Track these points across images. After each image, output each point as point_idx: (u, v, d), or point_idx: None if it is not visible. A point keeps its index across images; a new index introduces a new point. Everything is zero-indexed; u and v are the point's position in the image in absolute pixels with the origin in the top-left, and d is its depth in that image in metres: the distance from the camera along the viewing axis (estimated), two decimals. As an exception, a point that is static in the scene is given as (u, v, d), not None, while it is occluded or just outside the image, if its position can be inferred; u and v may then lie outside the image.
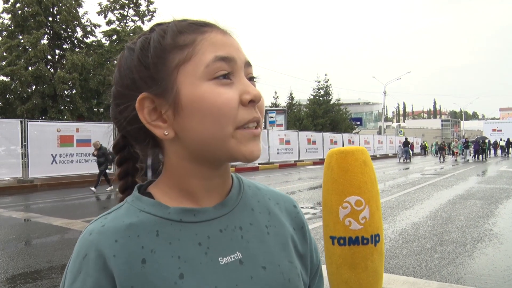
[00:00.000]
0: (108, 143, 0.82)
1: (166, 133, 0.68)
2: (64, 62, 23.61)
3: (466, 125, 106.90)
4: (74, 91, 23.73)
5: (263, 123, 0.74)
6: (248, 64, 0.71)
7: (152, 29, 0.71)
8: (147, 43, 0.69)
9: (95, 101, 25.53)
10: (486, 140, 39.20)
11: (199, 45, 0.67)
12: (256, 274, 0.70)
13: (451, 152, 40.37)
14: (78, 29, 25.18)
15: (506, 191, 12.89)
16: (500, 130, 65.56)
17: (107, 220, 0.68)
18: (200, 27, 0.69)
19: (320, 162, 31.53)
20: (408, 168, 24.88)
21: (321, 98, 46.88)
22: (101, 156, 13.66)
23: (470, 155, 36.45)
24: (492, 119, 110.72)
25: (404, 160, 34.25)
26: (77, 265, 0.65)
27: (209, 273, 0.66)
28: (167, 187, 0.72)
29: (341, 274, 0.66)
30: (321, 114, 45.15)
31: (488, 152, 37.68)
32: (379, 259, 0.66)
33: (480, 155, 36.41)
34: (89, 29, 25.54)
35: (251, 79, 0.71)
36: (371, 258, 0.65)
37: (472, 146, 36.44)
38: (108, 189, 13.61)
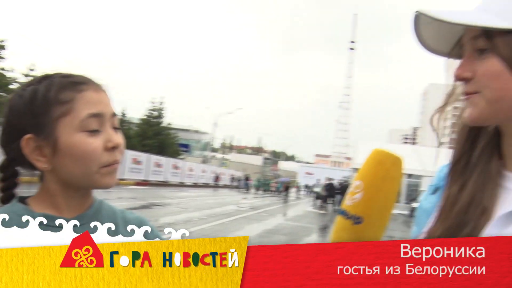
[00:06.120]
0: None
1: (45, 166, 0.90)
2: None
3: (284, 165, 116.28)
4: None
5: None
6: (113, 115, 0.95)
7: (40, 81, 0.92)
8: (35, 95, 0.89)
9: None
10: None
11: (77, 104, 0.89)
12: None
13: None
14: None
15: (308, 229, 14.28)
16: (312, 174, 72.21)
17: None
18: (79, 85, 0.91)
19: (143, 183, 30.71)
20: (246, 198, 25.61)
21: (153, 120, 46.41)
22: None
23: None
24: (306, 162, 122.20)
25: (245, 191, 41.12)
26: None
27: None
28: (41, 199, 0.94)
29: (332, 231, 0.80)
30: (151, 136, 44.56)
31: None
32: (353, 235, 0.77)
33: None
34: None
35: (116, 129, 0.95)
36: (346, 231, 0.77)
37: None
38: None
